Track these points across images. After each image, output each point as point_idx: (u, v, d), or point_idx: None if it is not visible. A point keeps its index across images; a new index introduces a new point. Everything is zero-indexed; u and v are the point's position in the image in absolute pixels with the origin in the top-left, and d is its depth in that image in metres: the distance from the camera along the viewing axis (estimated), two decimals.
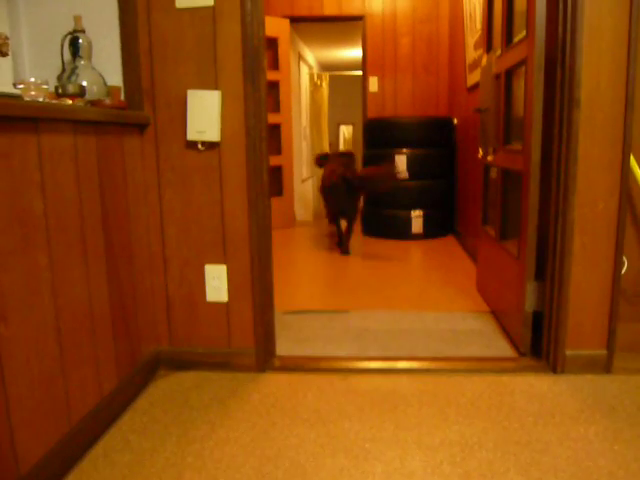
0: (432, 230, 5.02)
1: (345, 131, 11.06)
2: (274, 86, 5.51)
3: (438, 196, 5.03)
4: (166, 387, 2.11)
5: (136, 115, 2.04)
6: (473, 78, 4.07)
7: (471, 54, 4.17)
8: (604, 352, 2.10)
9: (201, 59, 2.05)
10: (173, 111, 2.10)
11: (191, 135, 2.07)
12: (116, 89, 2.07)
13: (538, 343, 2.25)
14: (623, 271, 2.09)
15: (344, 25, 6.30)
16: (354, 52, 7.88)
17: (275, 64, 5.50)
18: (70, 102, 1.77)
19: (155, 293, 2.22)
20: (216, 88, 2.06)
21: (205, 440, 1.74)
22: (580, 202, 2.01)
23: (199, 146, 2.09)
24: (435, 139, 4.97)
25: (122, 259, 1.95)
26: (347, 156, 4.86)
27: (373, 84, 5.65)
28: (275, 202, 5.65)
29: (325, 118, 7.63)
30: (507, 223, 2.67)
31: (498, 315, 2.69)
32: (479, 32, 3.81)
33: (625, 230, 2.03)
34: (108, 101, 1.93)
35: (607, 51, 1.93)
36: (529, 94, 2.15)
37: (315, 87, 7.50)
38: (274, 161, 5.58)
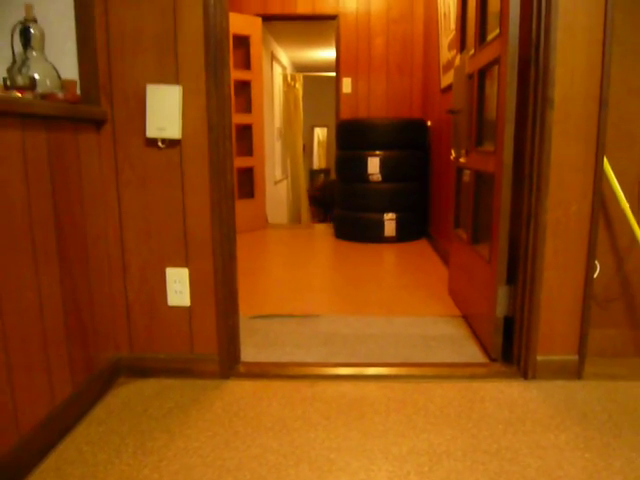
0: (405, 233, 4.98)
1: (320, 134, 11.01)
2: (246, 86, 5.42)
3: (411, 199, 4.99)
4: (125, 395, 2.01)
5: (92, 110, 1.94)
6: (447, 79, 4.04)
7: (445, 55, 4.14)
8: (575, 358, 2.06)
9: (161, 52, 1.96)
10: (132, 107, 2.00)
11: (151, 132, 1.98)
12: (71, 83, 1.97)
13: (509, 348, 2.20)
14: (595, 275, 2.05)
15: (318, 24, 6.25)
16: (328, 53, 7.83)
17: (247, 63, 5.41)
18: (19, 95, 1.67)
19: (114, 297, 2.12)
20: (177, 83, 1.97)
21: (163, 451, 1.65)
22: (553, 204, 1.97)
23: (159, 144, 2.00)
24: (408, 141, 4.93)
25: (77, 262, 1.84)
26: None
27: (347, 85, 5.59)
28: (246, 204, 5.56)
29: (300, 119, 7.56)
30: (479, 226, 2.63)
31: (469, 320, 2.64)
32: (453, 32, 3.78)
33: (598, 234, 2.00)
34: (61, 95, 1.82)
35: (581, 49, 1.90)
36: (502, 93, 2.11)
37: (289, 88, 7.43)
38: (245, 162, 5.49)
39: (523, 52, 2.06)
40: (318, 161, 10.82)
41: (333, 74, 5.79)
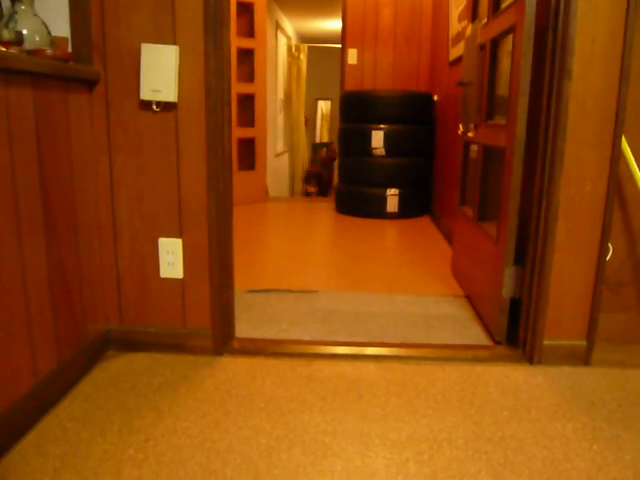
0: (408, 209, 4.87)
1: (323, 107, 10.83)
2: (249, 54, 5.26)
3: (415, 175, 4.88)
4: (113, 369, 1.94)
5: (83, 70, 1.83)
6: (456, 52, 3.89)
7: (455, 26, 3.99)
8: (583, 343, 1.98)
9: (158, 9, 1.84)
10: (126, 67, 1.88)
11: (145, 94, 1.86)
12: (62, 40, 1.85)
13: (515, 331, 2.12)
14: (607, 258, 1.96)
15: None
16: (334, 24, 7.63)
17: (250, 31, 5.25)
18: (3, 49, 1.56)
19: (104, 268, 2.03)
20: (174, 42, 1.85)
21: (150, 430, 1.57)
22: (566, 182, 1.87)
23: (154, 107, 1.89)
24: (414, 115, 4.80)
25: (64, 229, 1.75)
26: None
27: (352, 56, 5.43)
28: (247, 176, 5.45)
29: (302, 91, 7.39)
30: (486, 204, 2.53)
31: (473, 300, 2.56)
32: (464, 2, 3.63)
33: (612, 215, 1.90)
34: (50, 51, 1.71)
35: (603, 18, 1.77)
36: (516, 63, 1.99)
37: (293, 58, 7.25)
38: (247, 133, 5.36)
39: (540, 21, 1.94)
40: (321, 135, 10.66)
41: (339, 46, 5.62)
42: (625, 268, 2.10)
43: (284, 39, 7.37)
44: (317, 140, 10.65)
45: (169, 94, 1.85)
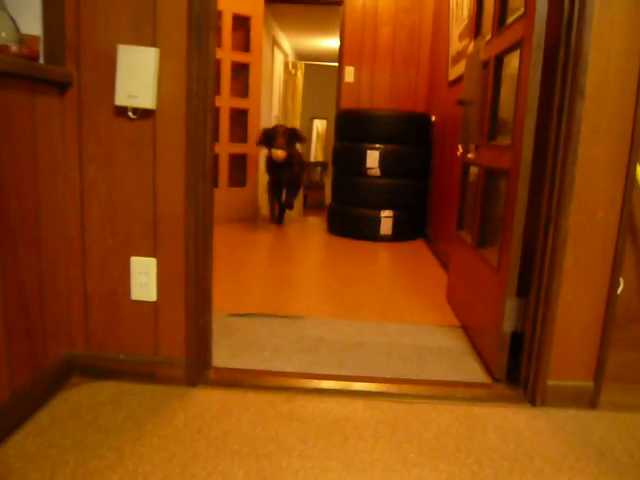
0: (402, 232, 4.72)
1: (319, 126, 10.73)
2: (244, 69, 5.15)
3: (410, 197, 4.74)
4: (75, 400, 1.76)
5: (54, 70, 1.68)
6: (456, 71, 3.78)
7: (455, 45, 3.88)
8: (590, 384, 1.82)
9: (138, 8, 1.70)
10: (102, 70, 1.73)
11: (120, 99, 1.71)
12: (33, 39, 1.70)
13: (516, 368, 1.96)
14: (618, 292, 1.81)
15: (322, 10, 5.98)
16: (332, 42, 7.54)
17: (246, 45, 5.14)
18: None
19: (71, 287, 1.85)
20: (154, 44, 1.71)
21: (107, 474, 1.39)
22: (576, 209, 1.72)
23: (130, 114, 1.73)
24: (411, 136, 4.68)
25: (24, 244, 1.58)
26: (292, 134, 5.06)
27: (349, 74, 5.33)
28: (238, 193, 5.29)
29: (298, 109, 7.28)
30: (486, 229, 2.38)
31: (470, 332, 2.40)
32: (465, 21, 3.52)
33: (625, 245, 1.75)
34: (15, 48, 1.56)
35: (619, 32, 1.64)
36: (523, 79, 1.86)
37: (289, 76, 7.15)
38: (239, 149, 5.22)
39: (548, 37, 1.81)
40: (316, 154, 10.55)
41: (336, 64, 5.52)
42: (635, 303, 1.94)
43: (281, 55, 7.27)
44: (312, 159, 10.53)
45: (147, 100, 1.70)
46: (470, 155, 2.59)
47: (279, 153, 4.90)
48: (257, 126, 5.29)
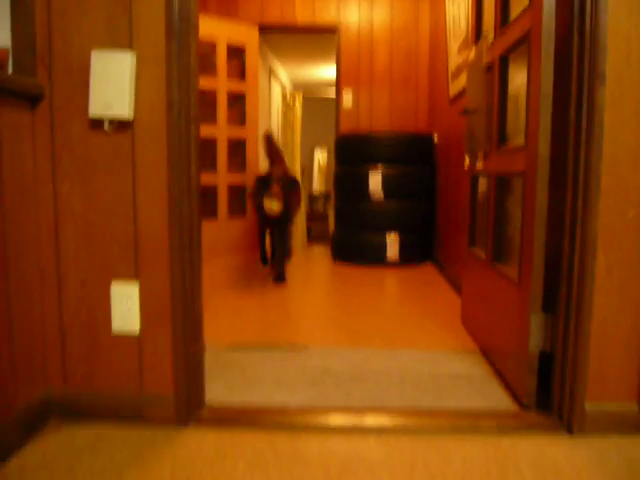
0: (409, 256, 4.53)
1: (320, 157, 10.64)
2: (240, 98, 5.04)
3: (416, 219, 4.56)
4: (50, 446, 1.54)
5: (22, 81, 1.53)
6: (456, 86, 3.64)
7: (454, 60, 3.76)
8: (635, 407, 1.60)
9: (113, 11, 1.56)
10: (75, 81, 1.58)
11: (95, 109, 1.55)
12: (1, 51, 1.57)
13: (546, 393, 1.74)
14: None
15: (318, 38, 5.91)
16: (329, 71, 7.49)
17: (242, 74, 5.05)
18: None
19: (46, 320, 1.66)
20: (130, 47, 1.56)
21: None
22: (605, 208, 1.54)
23: (106, 126, 1.57)
24: (413, 157, 4.53)
25: None
26: (289, 183, 3.86)
27: (347, 100, 5.21)
28: (238, 223, 5.13)
29: (298, 140, 7.17)
30: (501, 243, 2.19)
31: (491, 355, 2.18)
32: (464, 34, 3.40)
33: None
34: None
35: (638, 11, 1.48)
36: (534, 72, 1.70)
37: (288, 107, 7.06)
38: (237, 179, 5.07)
39: (558, 28, 1.65)
40: (318, 185, 10.42)
41: (333, 96, 5.41)
42: None
43: (278, 87, 7.21)
44: (315, 191, 10.41)
45: (123, 109, 1.54)
46: (479, 164, 2.42)
47: (274, 207, 3.67)
48: (255, 155, 5.17)
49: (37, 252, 1.63)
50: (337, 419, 1.70)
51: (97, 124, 1.59)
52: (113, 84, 1.54)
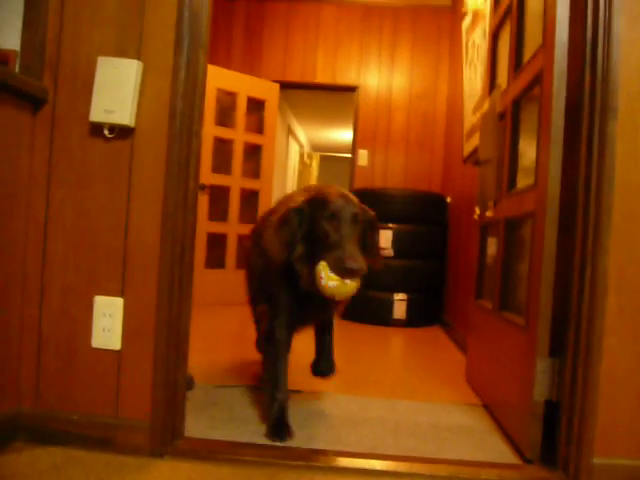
0: (416, 317, 4.40)
1: None
2: (256, 150, 5.11)
3: (425, 279, 4.47)
4: (11, 468, 1.43)
5: (25, 82, 1.52)
6: (470, 144, 3.65)
7: (469, 119, 3.78)
8: None
9: (124, 23, 1.57)
10: (79, 86, 1.58)
11: (96, 115, 1.54)
12: (9, 53, 1.58)
13: (550, 445, 1.60)
14: None
15: (337, 98, 6.04)
16: (346, 134, 7.64)
17: (260, 128, 5.13)
18: None
19: (24, 330, 1.59)
20: (139, 58, 1.56)
21: None
22: (616, 246, 1.46)
23: (106, 132, 1.55)
24: (425, 216, 4.49)
25: None
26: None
27: (362, 158, 5.25)
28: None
29: None
30: (509, 290, 2.10)
31: (494, 409, 2.04)
32: (479, 94, 3.43)
33: None
34: None
35: None
36: (545, 111, 1.67)
37: (304, 166, 7.17)
38: (248, 230, 5.05)
39: (571, 66, 1.64)
40: None
41: (350, 155, 5.47)
42: None
43: (296, 146, 7.33)
44: None
45: (124, 116, 1.53)
46: (488, 213, 2.36)
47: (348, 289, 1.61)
48: (268, 207, 5.16)
49: (23, 258, 1.58)
50: (323, 460, 1.57)
51: (97, 130, 1.57)
52: (117, 90, 1.54)
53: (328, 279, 1.50)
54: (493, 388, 2.08)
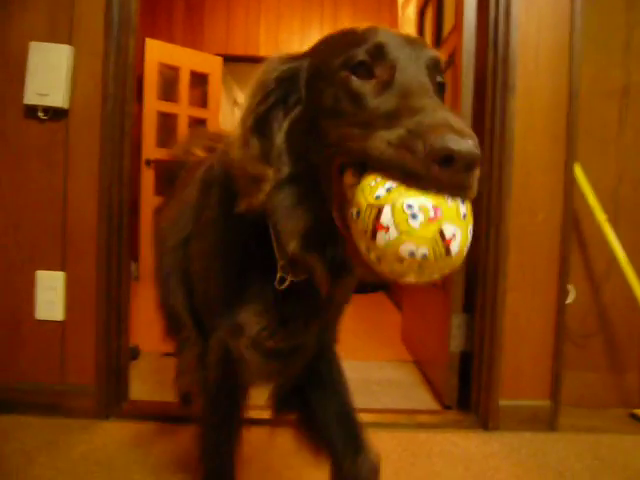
0: (361, 283, 4.56)
1: None
2: (201, 124, 5.12)
3: None
4: None
5: None
6: None
7: None
8: (547, 403, 1.65)
9: (55, 8, 1.62)
10: (12, 70, 1.63)
11: (30, 98, 1.59)
12: None
13: (466, 392, 1.78)
14: (569, 301, 1.68)
15: None
16: None
17: (204, 102, 5.14)
18: None
19: None
20: (70, 43, 1.61)
21: None
22: (516, 210, 1.62)
23: (40, 114, 1.61)
24: None
25: None
26: None
27: None
28: None
29: None
30: None
31: (421, 364, 2.22)
32: None
33: (570, 249, 1.65)
34: None
35: (546, 26, 1.61)
36: (457, 83, 1.80)
37: None
38: None
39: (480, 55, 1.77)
40: None
41: None
42: (590, 317, 1.82)
43: None
44: None
45: (57, 98, 1.58)
46: None
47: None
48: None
49: None
50: (257, 413, 1.70)
51: (32, 112, 1.62)
52: (49, 74, 1.59)
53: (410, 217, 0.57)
54: (421, 345, 2.25)
